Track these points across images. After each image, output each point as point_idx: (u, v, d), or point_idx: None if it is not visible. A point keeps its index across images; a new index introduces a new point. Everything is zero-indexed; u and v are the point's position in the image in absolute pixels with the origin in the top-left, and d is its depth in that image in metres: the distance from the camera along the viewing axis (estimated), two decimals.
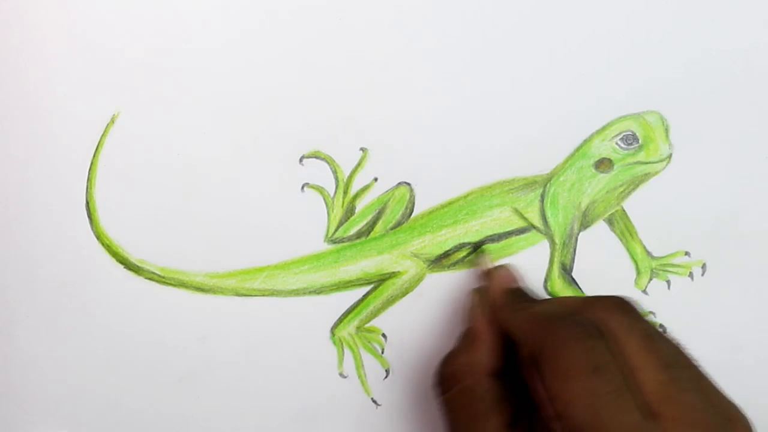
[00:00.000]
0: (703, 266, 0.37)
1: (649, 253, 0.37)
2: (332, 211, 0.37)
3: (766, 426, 0.32)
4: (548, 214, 0.37)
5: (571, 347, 0.27)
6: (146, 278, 0.37)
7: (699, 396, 0.27)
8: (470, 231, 0.37)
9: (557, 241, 0.37)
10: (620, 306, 0.30)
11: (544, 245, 0.37)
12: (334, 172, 0.37)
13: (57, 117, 0.38)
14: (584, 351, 0.27)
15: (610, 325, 0.28)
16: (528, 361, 0.29)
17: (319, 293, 0.37)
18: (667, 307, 0.37)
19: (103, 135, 0.38)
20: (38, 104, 0.38)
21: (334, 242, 0.37)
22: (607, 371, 0.27)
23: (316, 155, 0.37)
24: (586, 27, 0.37)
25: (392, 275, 0.37)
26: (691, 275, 0.37)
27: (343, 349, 0.37)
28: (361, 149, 0.37)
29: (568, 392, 0.26)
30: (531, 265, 0.37)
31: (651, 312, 0.37)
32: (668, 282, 0.37)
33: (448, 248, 0.37)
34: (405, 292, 0.37)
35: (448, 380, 0.32)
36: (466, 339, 0.33)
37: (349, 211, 0.37)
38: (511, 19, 0.37)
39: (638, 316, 0.29)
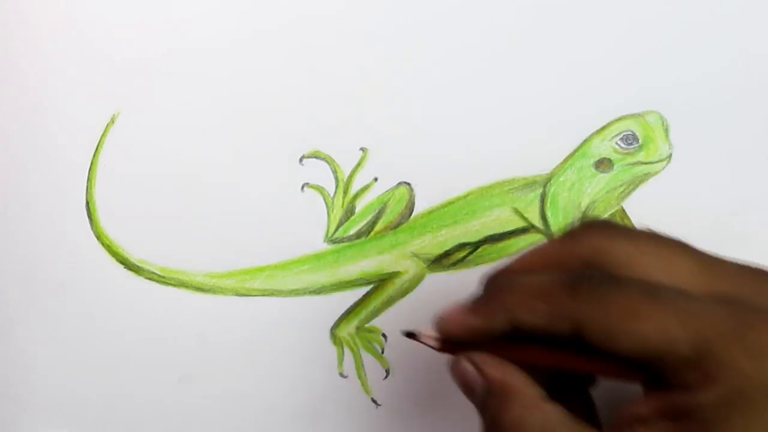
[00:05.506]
0: None
1: None
2: (332, 211, 0.37)
3: None
4: (548, 214, 0.37)
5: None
6: (146, 278, 0.37)
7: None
8: (470, 231, 0.37)
9: None
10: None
11: None
12: (334, 172, 0.37)
13: (57, 117, 0.38)
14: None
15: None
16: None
17: (319, 293, 0.37)
18: None
19: (103, 135, 0.38)
20: (38, 105, 0.38)
21: (334, 242, 0.37)
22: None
23: (316, 155, 0.37)
24: (586, 27, 0.37)
25: (392, 275, 0.37)
26: None
27: (343, 349, 0.37)
28: (361, 149, 0.37)
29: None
30: None
31: None
32: None
33: (448, 248, 0.37)
34: (405, 292, 0.37)
35: None
36: (497, 399, 0.25)
37: (349, 211, 0.37)
38: (511, 19, 0.37)
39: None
